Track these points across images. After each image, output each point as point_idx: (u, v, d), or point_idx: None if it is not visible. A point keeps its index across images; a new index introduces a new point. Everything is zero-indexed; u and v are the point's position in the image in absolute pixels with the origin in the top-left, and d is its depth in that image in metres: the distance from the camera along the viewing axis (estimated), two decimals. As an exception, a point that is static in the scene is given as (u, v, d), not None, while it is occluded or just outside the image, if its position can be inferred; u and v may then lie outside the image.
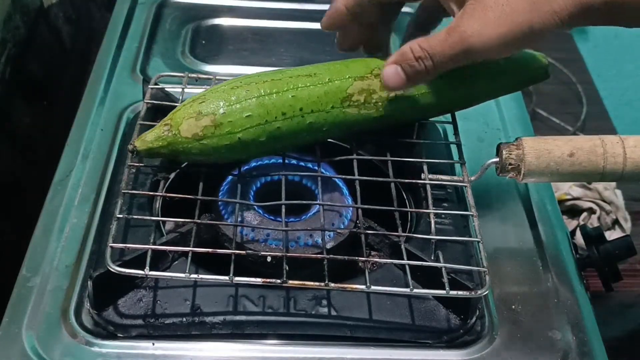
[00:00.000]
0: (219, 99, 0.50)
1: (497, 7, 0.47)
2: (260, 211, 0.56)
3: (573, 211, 0.97)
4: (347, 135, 0.57)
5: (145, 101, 0.60)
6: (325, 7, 0.86)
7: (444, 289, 0.49)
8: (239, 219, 0.54)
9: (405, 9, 0.60)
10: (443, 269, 0.50)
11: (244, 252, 0.52)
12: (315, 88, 0.52)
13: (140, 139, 0.51)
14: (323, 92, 0.52)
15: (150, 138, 0.51)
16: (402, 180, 0.57)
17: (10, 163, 0.78)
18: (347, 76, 0.53)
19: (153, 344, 0.50)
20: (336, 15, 0.55)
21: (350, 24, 0.56)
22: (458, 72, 0.53)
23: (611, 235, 0.93)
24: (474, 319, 0.53)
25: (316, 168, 0.56)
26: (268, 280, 0.48)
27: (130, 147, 0.51)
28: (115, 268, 0.47)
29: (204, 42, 0.81)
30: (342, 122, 0.54)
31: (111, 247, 0.48)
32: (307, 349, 0.51)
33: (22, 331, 0.50)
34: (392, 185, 0.56)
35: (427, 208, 0.54)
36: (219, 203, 0.57)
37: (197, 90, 0.63)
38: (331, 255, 0.50)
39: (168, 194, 0.53)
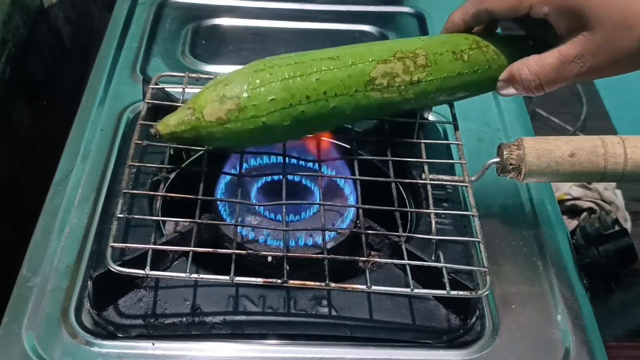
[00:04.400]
0: (243, 82, 0.49)
1: (607, 43, 0.49)
2: (261, 211, 0.56)
3: (573, 211, 0.97)
4: (369, 119, 0.57)
5: (146, 101, 0.60)
6: (325, 7, 0.87)
7: (444, 289, 0.49)
8: (240, 219, 0.54)
9: None
10: (444, 269, 0.50)
11: (244, 252, 0.52)
12: (339, 71, 0.51)
13: (163, 123, 0.49)
14: (346, 75, 0.51)
15: (173, 122, 0.49)
16: (403, 180, 0.57)
17: (10, 163, 0.78)
18: (370, 59, 0.52)
19: (153, 344, 0.50)
20: (454, 28, 0.58)
21: None
22: (482, 58, 0.55)
23: (611, 235, 0.93)
24: (474, 319, 0.53)
25: (316, 168, 0.56)
26: (269, 280, 0.48)
27: (152, 131, 0.49)
28: (116, 268, 0.47)
29: (204, 42, 0.81)
30: (365, 106, 0.53)
31: (112, 246, 0.48)
32: (307, 349, 0.51)
33: (22, 331, 0.50)
34: (393, 185, 0.56)
35: (428, 208, 0.54)
36: (219, 203, 0.57)
37: (198, 90, 0.63)
38: (332, 255, 0.50)
39: (168, 194, 0.53)
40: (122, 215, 0.51)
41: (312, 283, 0.48)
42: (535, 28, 0.56)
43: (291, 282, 0.48)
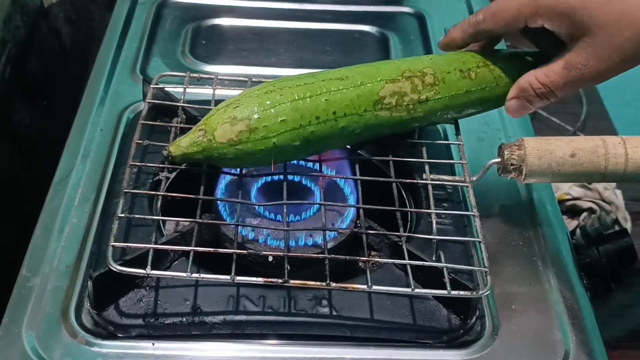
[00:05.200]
0: (254, 103, 0.50)
1: (611, 44, 0.50)
2: (261, 211, 0.56)
3: (573, 211, 0.97)
4: (378, 138, 0.57)
5: (147, 101, 0.60)
6: (325, 7, 0.87)
7: (444, 289, 0.49)
8: (240, 219, 0.54)
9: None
10: (444, 269, 0.50)
11: (245, 251, 0.52)
12: (348, 91, 0.52)
13: (175, 145, 0.51)
14: (355, 95, 0.52)
15: (185, 144, 0.50)
16: (404, 181, 0.57)
17: (10, 163, 0.78)
18: (379, 79, 0.53)
19: (153, 344, 0.50)
20: (453, 44, 0.58)
21: None
22: (489, 76, 0.55)
23: (611, 235, 0.93)
24: (474, 319, 0.53)
25: (317, 168, 0.56)
26: (269, 279, 0.48)
27: (165, 152, 0.51)
28: (117, 267, 0.47)
29: (204, 42, 0.81)
30: (374, 125, 0.54)
31: (113, 246, 0.48)
32: (307, 349, 0.51)
33: (22, 331, 0.50)
34: (393, 185, 0.56)
35: (429, 208, 0.54)
36: (220, 203, 0.57)
37: (199, 90, 0.64)
38: (332, 255, 0.50)
39: (169, 194, 0.53)
40: (123, 215, 0.51)
41: (313, 283, 0.48)
42: (540, 38, 0.56)
43: (292, 281, 0.48)
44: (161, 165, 0.56)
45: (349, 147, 0.59)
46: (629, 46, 0.49)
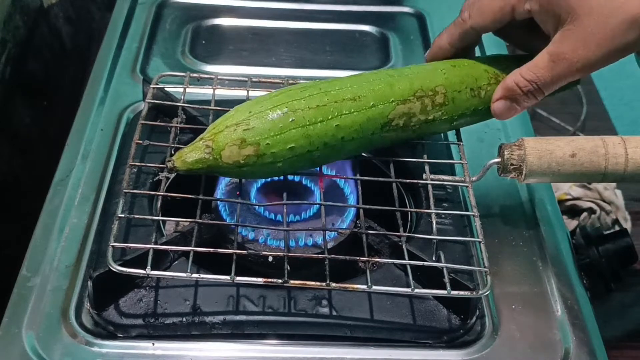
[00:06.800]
0: (265, 127, 0.49)
1: (597, 29, 0.48)
2: (261, 211, 0.56)
3: (573, 211, 0.97)
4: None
5: (147, 101, 0.60)
6: (325, 7, 0.87)
7: (444, 289, 0.49)
8: (240, 219, 0.54)
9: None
10: (444, 269, 0.50)
11: (245, 252, 0.52)
12: (359, 114, 0.51)
13: (180, 159, 0.49)
14: (366, 118, 0.51)
15: (190, 159, 0.49)
16: (404, 181, 0.57)
17: (10, 163, 0.78)
18: (391, 100, 0.52)
19: (153, 344, 0.50)
20: (441, 52, 0.57)
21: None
22: (492, 92, 0.55)
23: (611, 236, 0.93)
24: (474, 319, 0.53)
25: (317, 168, 0.56)
26: (269, 280, 0.48)
27: (169, 164, 0.50)
28: (116, 267, 0.47)
29: (204, 42, 0.81)
30: (377, 144, 0.54)
31: (113, 246, 0.48)
32: (307, 349, 0.51)
33: (22, 331, 0.50)
34: (394, 185, 0.56)
35: (429, 208, 0.54)
36: (220, 203, 0.57)
37: (199, 90, 0.64)
38: (332, 255, 0.50)
39: (169, 194, 0.53)
40: (123, 215, 0.51)
41: (313, 283, 0.48)
42: (522, 38, 0.56)
43: (292, 282, 0.48)
44: (161, 165, 0.56)
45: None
46: (618, 33, 0.48)
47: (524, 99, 0.53)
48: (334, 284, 0.48)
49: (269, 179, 0.58)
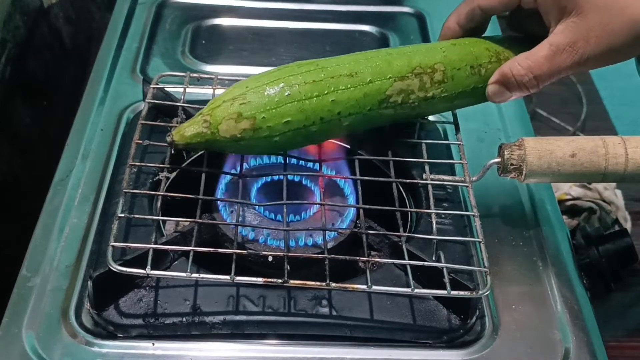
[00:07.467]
0: (261, 101, 0.50)
1: (600, 26, 0.48)
2: (261, 211, 0.56)
3: (573, 211, 0.97)
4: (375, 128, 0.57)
5: (147, 101, 0.60)
6: (325, 7, 0.87)
7: (444, 289, 0.49)
8: (240, 219, 0.54)
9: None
10: (444, 269, 0.50)
11: (245, 251, 0.52)
12: (355, 90, 0.51)
13: (179, 133, 0.51)
14: (362, 94, 0.52)
15: (189, 134, 0.50)
16: (404, 180, 0.57)
17: (10, 163, 0.78)
18: (388, 76, 0.52)
19: (153, 344, 0.50)
20: (449, 33, 0.57)
21: None
22: (493, 70, 0.54)
23: (611, 236, 0.93)
24: (474, 319, 0.53)
25: (317, 168, 0.56)
26: (269, 279, 0.48)
27: (168, 139, 0.51)
28: (116, 267, 0.47)
29: (204, 42, 0.81)
30: (376, 121, 0.54)
31: (113, 246, 0.48)
32: (307, 349, 0.51)
33: (22, 331, 0.50)
34: (393, 185, 0.56)
35: (429, 208, 0.54)
36: (220, 203, 0.57)
37: (199, 90, 0.64)
38: (332, 255, 0.50)
39: (169, 194, 0.53)
40: (123, 215, 0.51)
41: (313, 283, 0.48)
42: (526, 26, 0.56)
43: (292, 281, 0.48)
44: (161, 165, 0.56)
45: (349, 147, 0.59)
46: (618, 33, 0.48)
47: (516, 87, 0.53)
48: (333, 284, 0.48)
49: (269, 179, 0.58)
